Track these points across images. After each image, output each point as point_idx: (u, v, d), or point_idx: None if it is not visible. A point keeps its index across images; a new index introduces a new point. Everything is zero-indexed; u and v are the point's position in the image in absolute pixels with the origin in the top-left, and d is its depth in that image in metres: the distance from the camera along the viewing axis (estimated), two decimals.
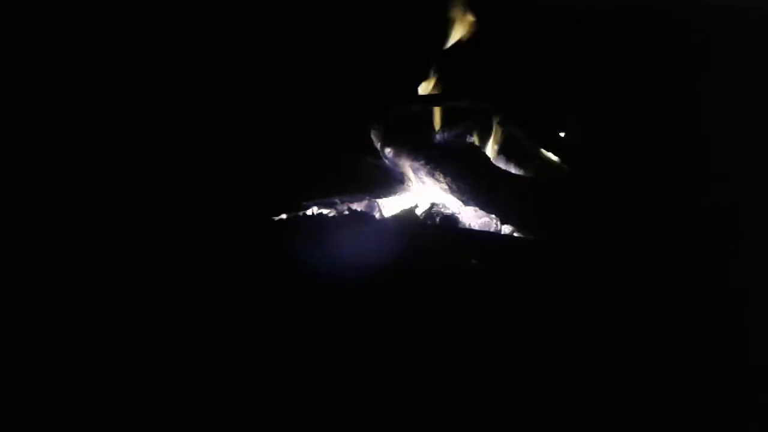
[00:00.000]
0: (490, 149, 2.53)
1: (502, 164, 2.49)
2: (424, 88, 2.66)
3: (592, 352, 1.82)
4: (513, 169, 2.47)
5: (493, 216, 2.34)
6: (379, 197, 2.50)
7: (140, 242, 2.18)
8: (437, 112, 2.61)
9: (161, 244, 2.16)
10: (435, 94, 2.67)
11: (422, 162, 2.45)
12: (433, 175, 2.43)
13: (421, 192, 2.52)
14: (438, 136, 2.55)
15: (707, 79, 2.83)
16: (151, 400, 1.66)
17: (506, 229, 2.32)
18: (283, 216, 2.36)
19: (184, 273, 2.04)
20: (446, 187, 2.40)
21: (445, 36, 2.61)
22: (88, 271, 2.07)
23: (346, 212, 2.36)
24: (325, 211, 2.41)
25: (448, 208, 2.43)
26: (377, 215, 2.39)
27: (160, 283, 2.01)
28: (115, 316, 1.90)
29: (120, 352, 1.79)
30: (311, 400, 1.66)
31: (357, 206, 2.42)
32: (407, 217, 2.36)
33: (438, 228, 2.33)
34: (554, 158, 2.46)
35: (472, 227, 2.37)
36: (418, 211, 2.41)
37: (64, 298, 1.97)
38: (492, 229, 2.35)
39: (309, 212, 2.41)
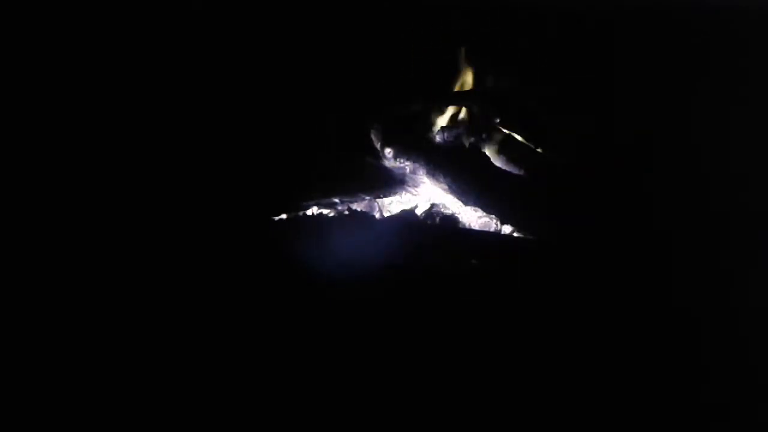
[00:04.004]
0: (490, 149, 2.53)
1: (502, 164, 2.49)
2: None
3: (592, 351, 1.83)
4: (513, 169, 2.46)
5: (493, 216, 2.34)
6: (379, 197, 2.50)
7: (141, 242, 2.18)
8: (447, 111, 2.62)
9: (162, 244, 2.17)
10: (435, 94, 2.67)
11: (422, 162, 2.46)
12: (433, 176, 2.43)
13: (421, 192, 2.52)
14: (438, 136, 2.55)
15: (707, 80, 2.83)
16: (152, 400, 1.66)
17: (506, 229, 2.32)
18: (283, 216, 2.36)
19: (185, 273, 2.05)
20: (446, 187, 2.40)
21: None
22: (89, 271, 2.07)
23: (346, 212, 2.36)
24: (325, 211, 2.41)
25: (448, 208, 2.43)
26: (377, 215, 2.39)
27: (161, 283, 2.01)
28: (116, 316, 1.90)
29: (121, 351, 1.79)
30: (312, 399, 1.67)
31: (357, 206, 2.43)
32: (407, 218, 2.36)
33: (438, 228, 2.33)
34: (554, 158, 2.46)
35: (472, 227, 2.37)
36: (418, 211, 2.41)
37: (64, 297, 1.97)
38: (492, 229, 2.35)
39: (309, 212, 2.41)
